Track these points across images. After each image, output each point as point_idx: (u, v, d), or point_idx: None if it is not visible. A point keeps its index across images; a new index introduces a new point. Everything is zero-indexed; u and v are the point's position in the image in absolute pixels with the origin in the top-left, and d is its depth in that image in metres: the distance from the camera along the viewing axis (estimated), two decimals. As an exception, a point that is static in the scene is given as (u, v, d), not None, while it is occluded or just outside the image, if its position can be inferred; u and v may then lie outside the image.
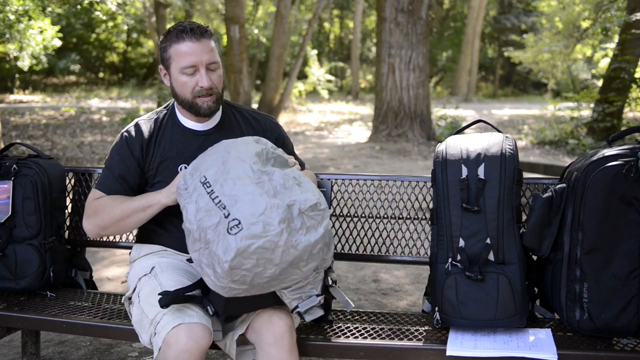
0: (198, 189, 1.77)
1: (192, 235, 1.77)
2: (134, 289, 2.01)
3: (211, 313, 1.82)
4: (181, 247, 2.04)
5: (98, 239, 2.63)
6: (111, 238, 2.64)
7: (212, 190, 1.74)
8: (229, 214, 1.68)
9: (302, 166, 2.26)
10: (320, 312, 1.84)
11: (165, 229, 2.11)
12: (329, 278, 1.88)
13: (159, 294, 1.80)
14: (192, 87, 2.00)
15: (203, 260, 1.75)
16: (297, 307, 1.80)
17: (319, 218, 1.75)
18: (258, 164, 1.79)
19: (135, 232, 2.58)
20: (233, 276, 1.68)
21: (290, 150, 2.22)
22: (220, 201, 1.71)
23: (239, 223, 1.66)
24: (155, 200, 1.97)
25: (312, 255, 1.74)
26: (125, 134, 2.11)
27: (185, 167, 2.04)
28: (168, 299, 1.78)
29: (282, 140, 2.22)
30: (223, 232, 1.68)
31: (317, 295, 1.81)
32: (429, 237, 2.29)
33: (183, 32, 1.98)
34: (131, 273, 2.10)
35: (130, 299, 2.02)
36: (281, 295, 1.82)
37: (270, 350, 1.81)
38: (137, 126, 2.12)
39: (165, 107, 2.19)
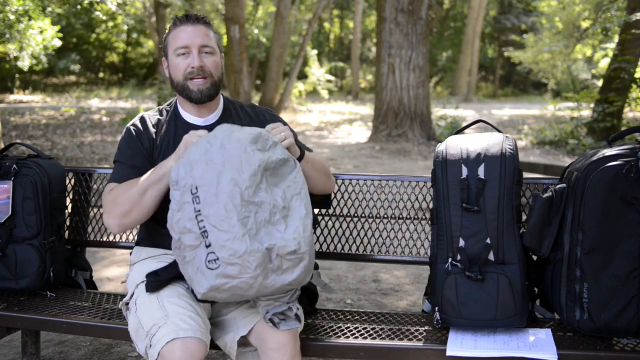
0: (187, 198, 1.73)
1: (173, 238, 1.78)
2: (132, 295, 2.01)
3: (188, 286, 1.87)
4: None
5: (98, 240, 2.64)
6: (111, 237, 2.64)
7: (199, 210, 1.71)
8: (209, 245, 1.68)
9: (305, 152, 2.18)
10: (296, 324, 1.84)
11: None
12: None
13: (146, 276, 1.91)
14: (184, 68, 2.03)
15: (180, 262, 1.80)
16: (267, 312, 1.82)
17: (297, 261, 1.74)
18: (250, 189, 1.72)
19: (135, 233, 2.57)
20: (206, 298, 1.76)
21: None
22: (204, 227, 1.69)
23: (217, 259, 1.67)
24: (167, 167, 1.90)
25: (288, 287, 1.78)
26: (133, 127, 2.11)
27: None
28: (154, 286, 1.88)
29: None
30: (200, 259, 1.70)
31: (289, 302, 1.83)
32: (429, 237, 2.29)
33: (180, 19, 2.07)
34: (130, 277, 2.09)
35: (127, 304, 2.02)
36: (254, 302, 1.86)
37: (273, 356, 1.82)
38: (142, 120, 2.13)
39: (168, 104, 2.20)
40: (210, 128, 2.10)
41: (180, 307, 1.83)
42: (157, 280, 1.91)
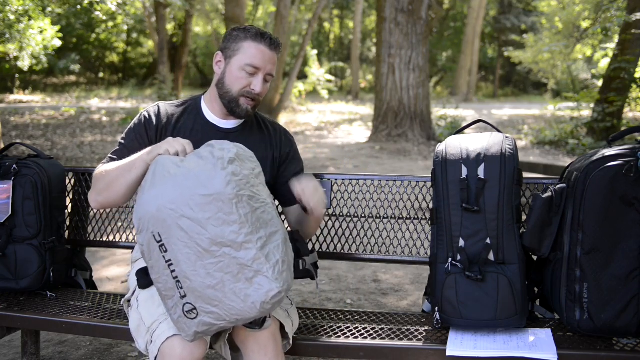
0: (152, 247, 1.67)
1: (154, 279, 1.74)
2: (133, 292, 2.01)
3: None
4: None
5: (98, 240, 2.64)
6: (111, 237, 2.64)
7: (170, 261, 1.65)
8: (184, 295, 1.66)
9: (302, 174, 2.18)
10: (268, 324, 1.80)
11: None
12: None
13: (136, 274, 1.88)
14: (243, 85, 2.02)
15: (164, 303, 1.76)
16: None
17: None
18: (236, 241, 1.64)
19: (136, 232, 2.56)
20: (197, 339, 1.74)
21: (298, 170, 2.18)
22: (176, 278, 1.65)
23: (194, 309, 1.66)
24: (139, 161, 1.86)
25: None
26: (145, 113, 2.11)
27: None
28: (144, 284, 1.86)
29: (292, 156, 2.19)
30: (179, 308, 1.67)
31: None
32: (429, 237, 2.29)
33: (263, 36, 2.03)
34: (132, 274, 2.09)
35: (129, 301, 2.02)
36: None
37: (255, 358, 1.83)
38: (157, 107, 2.12)
39: (191, 98, 2.18)
40: (231, 132, 2.11)
41: None
42: (147, 280, 1.87)
